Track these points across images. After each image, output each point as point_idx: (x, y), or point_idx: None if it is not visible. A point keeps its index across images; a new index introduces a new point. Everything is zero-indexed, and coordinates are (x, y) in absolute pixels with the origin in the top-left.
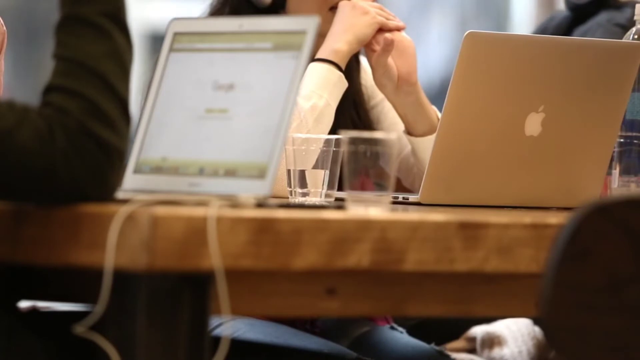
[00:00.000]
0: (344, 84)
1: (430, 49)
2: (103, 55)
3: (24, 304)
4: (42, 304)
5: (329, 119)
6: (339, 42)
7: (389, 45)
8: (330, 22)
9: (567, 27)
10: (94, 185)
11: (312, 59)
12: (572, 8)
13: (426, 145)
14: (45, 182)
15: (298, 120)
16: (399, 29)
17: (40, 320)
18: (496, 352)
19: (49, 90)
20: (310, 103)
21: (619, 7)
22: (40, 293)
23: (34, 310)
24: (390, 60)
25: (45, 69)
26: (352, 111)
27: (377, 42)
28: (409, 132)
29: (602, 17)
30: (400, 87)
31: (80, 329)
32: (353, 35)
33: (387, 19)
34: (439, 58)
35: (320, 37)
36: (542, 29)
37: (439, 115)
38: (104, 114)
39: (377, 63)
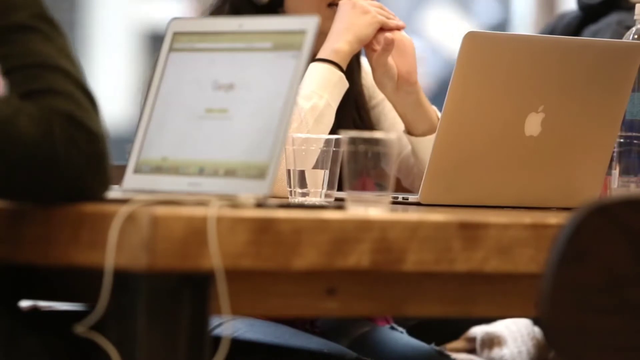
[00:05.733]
0: (344, 84)
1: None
2: (55, 53)
3: (24, 304)
4: (42, 304)
5: (329, 119)
6: (339, 42)
7: (389, 45)
8: (329, 18)
9: (577, 26)
10: (93, 174)
11: (313, 58)
12: (583, 7)
13: (426, 145)
14: (47, 172)
15: (298, 121)
16: (399, 28)
17: (41, 320)
18: (496, 352)
19: (23, 99)
20: (310, 103)
21: (630, 8)
22: (41, 293)
23: (34, 310)
24: (390, 59)
25: None
26: (353, 112)
27: (377, 41)
28: (409, 131)
29: (613, 18)
30: (400, 86)
31: (80, 328)
32: (353, 35)
33: (388, 18)
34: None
35: (320, 34)
36: (552, 28)
37: (439, 115)
38: (81, 105)
39: (377, 63)
